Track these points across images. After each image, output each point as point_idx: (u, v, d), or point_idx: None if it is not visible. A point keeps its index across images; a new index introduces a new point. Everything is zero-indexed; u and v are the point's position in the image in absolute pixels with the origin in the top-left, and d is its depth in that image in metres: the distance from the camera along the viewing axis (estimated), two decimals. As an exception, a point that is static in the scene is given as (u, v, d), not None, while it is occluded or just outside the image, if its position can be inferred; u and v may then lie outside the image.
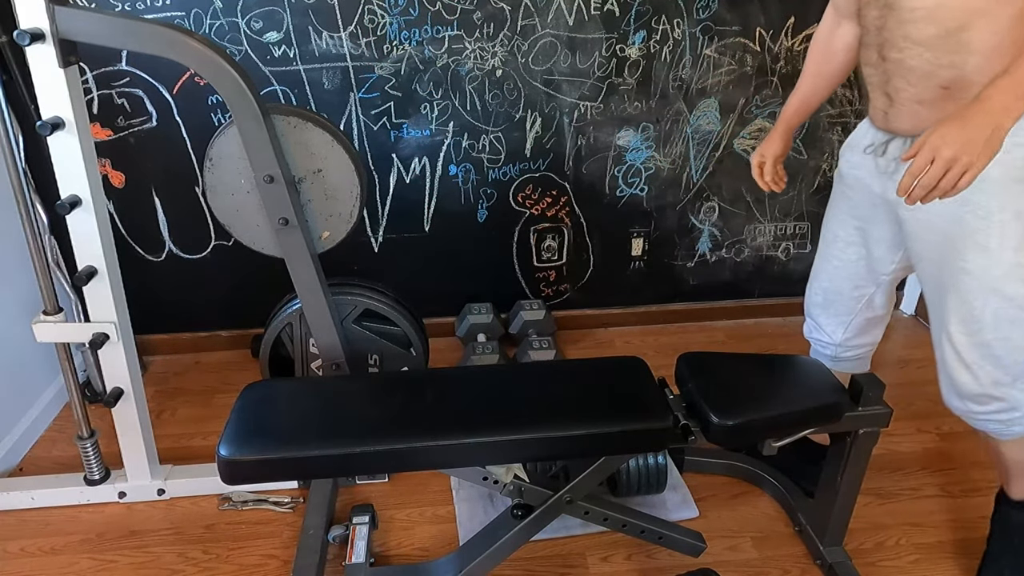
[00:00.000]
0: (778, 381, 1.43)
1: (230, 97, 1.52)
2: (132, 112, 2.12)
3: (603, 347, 2.54)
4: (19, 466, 1.97)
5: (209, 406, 2.22)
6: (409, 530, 1.75)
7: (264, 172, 1.60)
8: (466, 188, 2.34)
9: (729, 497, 1.84)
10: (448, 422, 1.33)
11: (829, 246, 1.57)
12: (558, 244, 2.48)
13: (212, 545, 1.71)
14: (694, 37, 2.19)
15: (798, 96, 1.59)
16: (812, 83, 1.57)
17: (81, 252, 1.57)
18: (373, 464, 1.41)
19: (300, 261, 1.71)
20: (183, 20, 2.00)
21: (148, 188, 2.23)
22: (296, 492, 1.85)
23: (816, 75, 1.56)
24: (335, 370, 1.84)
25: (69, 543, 1.72)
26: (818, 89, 1.57)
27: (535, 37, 2.13)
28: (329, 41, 2.08)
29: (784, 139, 1.61)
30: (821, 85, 1.57)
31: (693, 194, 2.45)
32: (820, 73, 1.55)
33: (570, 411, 1.37)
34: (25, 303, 1.98)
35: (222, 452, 1.26)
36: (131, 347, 1.71)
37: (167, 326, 2.45)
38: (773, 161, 1.61)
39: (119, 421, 1.74)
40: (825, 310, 1.62)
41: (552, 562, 1.65)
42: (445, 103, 2.20)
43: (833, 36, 1.50)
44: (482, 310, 2.43)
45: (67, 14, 1.38)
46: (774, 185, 1.62)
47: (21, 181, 1.53)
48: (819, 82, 1.56)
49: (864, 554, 1.66)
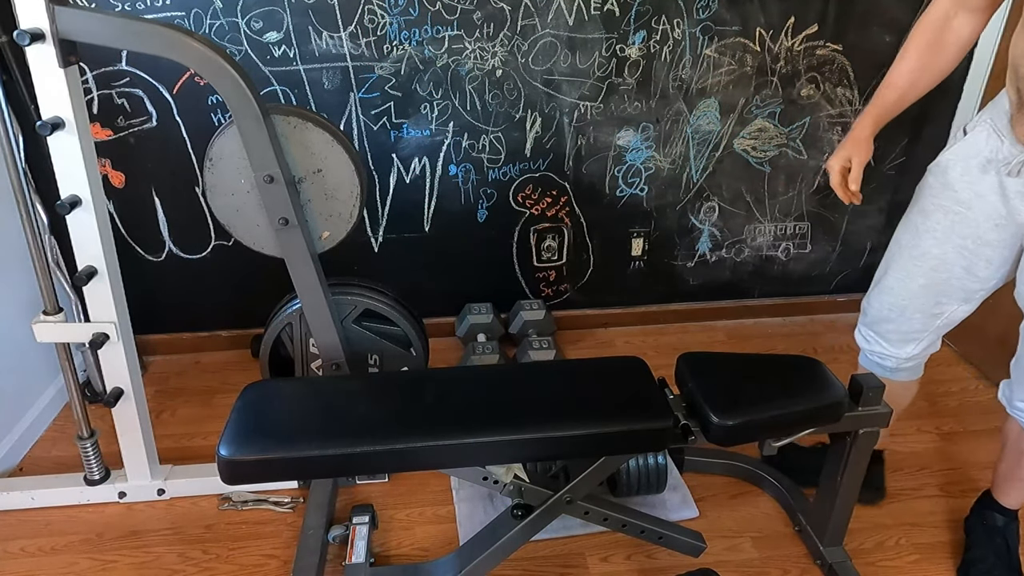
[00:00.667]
0: (778, 381, 1.43)
1: (230, 97, 1.52)
2: (132, 112, 2.12)
3: (603, 347, 2.54)
4: (19, 466, 1.97)
5: (209, 406, 2.22)
6: (409, 530, 1.75)
7: (264, 172, 1.60)
8: (466, 188, 2.34)
9: (729, 497, 1.84)
10: (448, 422, 1.33)
11: (916, 263, 1.43)
12: (558, 244, 2.48)
13: (212, 545, 1.71)
14: (694, 37, 2.19)
15: (895, 91, 1.39)
16: (913, 77, 1.37)
17: (81, 252, 1.57)
18: (373, 464, 1.41)
19: (300, 261, 1.71)
20: (183, 20, 2.00)
21: (148, 188, 2.23)
22: (296, 492, 1.85)
23: (920, 68, 1.37)
24: (335, 370, 1.84)
25: (69, 543, 1.72)
26: (919, 84, 1.39)
27: (535, 37, 2.13)
28: (329, 41, 2.08)
29: (871, 140, 1.42)
30: (924, 80, 1.38)
31: (693, 194, 2.45)
32: (925, 67, 1.36)
33: (570, 411, 1.37)
34: (25, 303, 1.98)
35: (222, 452, 1.26)
36: (131, 347, 1.71)
37: (167, 326, 2.45)
38: (862, 167, 1.39)
39: (119, 421, 1.74)
40: (897, 327, 1.50)
41: (552, 562, 1.65)
42: (445, 103, 2.20)
43: (947, 27, 1.32)
44: (482, 310, 2.43)
45: (67, 14, 1.38)
46: (856, 197, 1.41)
47: (21, 181, 1.53)
48: (923, 77, 1.38)
49: (864, 554, 1.66)
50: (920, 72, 1.37)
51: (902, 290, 1.46)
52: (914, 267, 1.44)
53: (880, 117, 1.40)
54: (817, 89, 2.31)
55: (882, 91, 1.40)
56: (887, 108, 1.40)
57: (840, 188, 1.41)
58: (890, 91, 1.39)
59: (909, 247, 1.44)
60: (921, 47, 1.35)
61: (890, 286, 1.49)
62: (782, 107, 2.33)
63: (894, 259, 1.48)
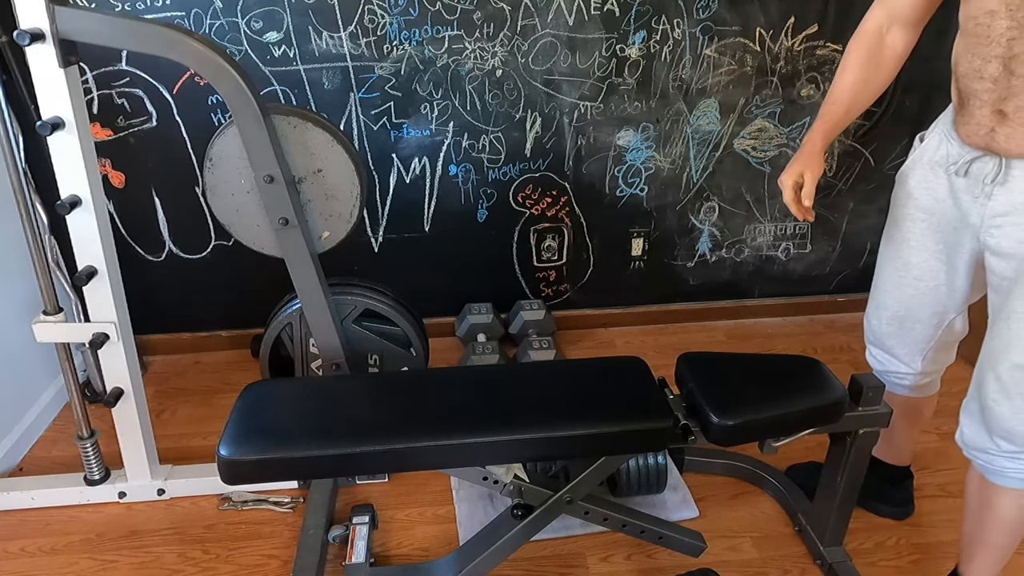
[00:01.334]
0: (778, 381, 1.43)
1: (230, 97, 1.52)
2: (132, 112, 2.12)
3: (603, 347, 2.54)
4: (19, 466, 1.97)
5: (209, 406, 2.22)
6: (409, 530, 1.75)
7: (264, 172, 1.60)
8: (466, 188, 2.34)
9: (729, 497, 1.84)
10: (448, 422, 1.33)
11: (900, 273, 1.43)
12: (558, 244, 2.48)
13: (212, 545, 1.71)
14: (694, 37, 2.19)
15: (840, 106, 1.38)
16: (855, 91, 1.37)
17: (81, 252, 1.57)
18: (373, 464, 1.41)
19: (300, 261, 1.71)
20: (183, 20, 2.00)
21: (148, 188, 2.23)
22: (296, 492, 1.85)
23: (862, 81, 1.36)
24: (335, 370, 1.84)
25: (69, 543, 1.72)
26: (862, 97, 1.39)
27: (535, 37, 2.13)
28: (329, 41, 2.08)
29: (823, 155, 1.39)
30: (866, 94, 1.38)
31: (693, 194, 2.45)
32: (866, 80, 1.37)
33: (570, 411, 1.37)
34: (25, 303, 1.98)
35: (222, 452, 1.26)
36: (131, 347, 1.71)
37: (167, 326, 2.45)
38: (814, 182, 1.35)
39: (119, 421, 1.74)
40: (901, 339, 1.49)
41: (552, 562, 1.65)
42: (445, 103, 2.20)
43: (882, 41, 1.35)
44: (482, 310, 2.43)
45: (67, 14, 1.38)
46: (809, 214, 1.37)
47: (21, 181, 1.53)
48: (865, 90, 1.38)
49: (864, 554, 1.66)
50: (862, 85, 1.37)
51: (894, 302, 1.46)
52: (899, 278, 1.43)
53: (829, 132, 1.39)
54: (817, 89, 2.31)
55: (828, 107, 1.39)
56: (835, 123, 1.39)
57: (793, 204, 1.37)
58: (836, 107, 1.38)
59: (891, 259, 1.45)
60: (861, 61, 1.36)
61: (883, 300, 1.49)
62: (782, 107, 2.33)
63: (881, 272, 1.49)
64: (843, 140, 2.41)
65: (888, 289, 1.47)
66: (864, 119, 2.37)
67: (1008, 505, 1.30)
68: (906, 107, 2.36)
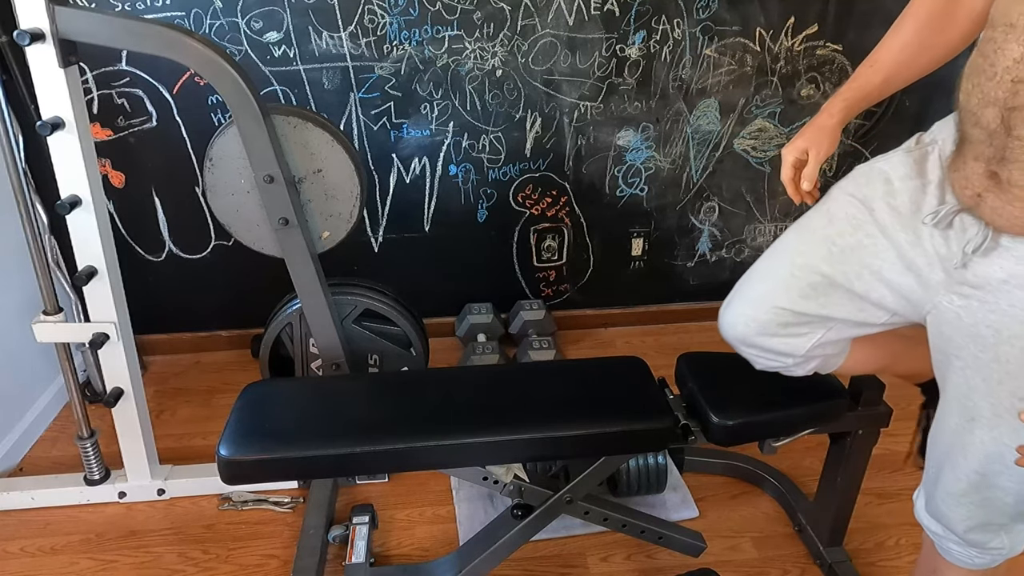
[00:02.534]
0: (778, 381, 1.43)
1: (230, 97, 1.52)
2: (132, 112, 2.12)
3: (603, 347, 2.54)
4: (19, 466, 1.97)
5: (209, 406, 2.22)
6: (409, 530, 1.75)
7: (264, 172, 1.60)
8: (466, 188, 2.34)
9: (729, 497, 1.84)
10: (448, 422, 1.33)
11: (796, 274, 1.15)
12: (558, 244, 2.48)
13: (212, 545, 1.71)
14: (694, 37, 2.19)
15: (880, 72, 1.09)
16: (906, 57, 1.07)
17: (81, 252, 1.57)
18: (373, 464, 1.41)
19: (300, 261, 1.71)
20: (183, 20, 2.00)
21: (148, 188, 2.23)
22: (296, 492, 1.85)
23: (917, 45, 1.06)
24: (335, 370, 1.84)
25: (69, 543, 1.71)
26: (913, 66, 1.09)
27: (535, 37, 2.13)
28: (329, 41, 2.08)
29: (839, 130, 1.14)
30: (919, 62, 1.08)
31: (693, 194, 2.45)
32: (924, 44, 1.06)
33: (570, 411, 1.37)
34: (25, 303, 1.98)
35: (222, 452, 1.26)
36: (131, 347, 1.71)
37: (167, 326, 2.45)
38: (819, 162, 1.13)
39: (119, 421, 1.74)
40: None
41: (552, 562, 1.65)
42: (445, 103, 2.20)
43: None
44: (482, 310, 2.43)
45: (67, 14, 1.38)
46: (810, 198, 1.17)
47: (21, 181, 1.52)
48: (919, 57, 1.08)
49: (864, 554, 1.66)
50: (917, 50, 1.07)
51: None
52: (793, 281, 1.16)
53: (855, 103, 1.13)
54: (817, 89, 2.31)
55: (863, 71, 1.11)
56: (866, 93, 1.12)
57: (791, 184, 1.16)
58: (874, 72, 1.10)
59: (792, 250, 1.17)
60: (921, 19, 1.06)
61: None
62: (782, 107, 2.33)
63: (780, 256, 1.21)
64: (843, 140, 2.40)
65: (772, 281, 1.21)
66: (864, 119, 2.37)
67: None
68: (906, 107, 2.36)
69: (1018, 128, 0.80)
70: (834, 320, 1.13)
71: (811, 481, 1.70)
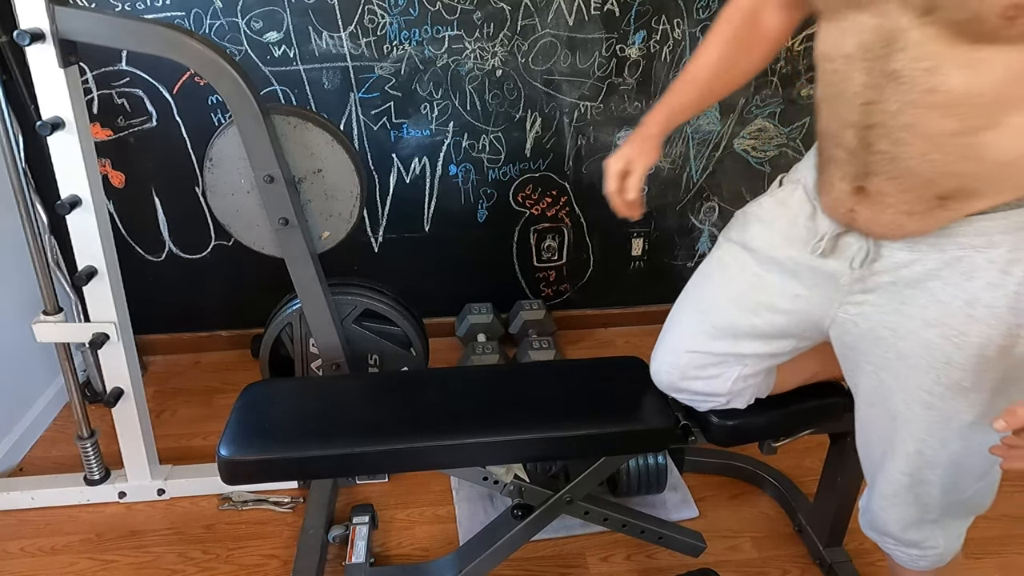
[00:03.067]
0: (784, 388, 1.43)
1: (230, 97, 1.52)
2: (132, 112, 2.12)
3: (603, 347, 2.54)
4: (19, 466, 1.97)
5: (209, 406, 2.22)
6: (409, 530, 1.75)
7: (264, 172, 1.60)
8: (466, 188, 2.34)
9: (729, 497, 1.84)
10: (448, 422, 1.33)
11: (703, 317, 1.22)
12: (558, 244, 2.48)
13: (212, 545, 1.71)
14: (694, 37, 2.19)
15: (695, 87, 1.16)
16: (717, 72, 1.14)
17: (81, 252, 1.57)
18: (373, 464, 1.41)
19: (300, 261, 1.71)
20: (183, 20, 2.00)
21: (148, 188, 2.23)
22: (296, 492, 1.85)
23: (728, 63, 1.14)
24: (335, 370, 1.84)
25: (69, 543, 1.71)
26: (725, 81, 1.16)
27: (535, 37, 2.13)
28: (329, 41, 2.08)
29: (660, 141, 1.19)
30: (729, 77, 1.16)
31: (693, 194, 2.45)
32: (732, 62, 1.14)
33: (570, 411, 1.37)
34: (25, 303, 1.98)
35: (222, 452, 1.26)
36: (131, 347, 1.71)
37: (167, 326, 2.45)
38: (643, 172, 1.18)
39: (119, 421, 1.74)
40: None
41: (552, 562, 1.65)
42: (445, 103, 2.20)
43: (756, 20, 1.12)
44: (482, 310, 2.43)
45: (67, 14, 1.38)
46: (634, 210, 1.22)
47: (21, 181, 1.53)
48: (728, 73, 1.15)
49: (864, 554, 1.66)
50: (727, 65, 1.14)
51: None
52: (701, 321, 1.23)
53: (673, 115, 1.18)
54: (817, 89, 2.31)
55: (679, 85, 1.17)
56: (684, 106, 1.18)
57: (615, 196, 1.20)
58: (690, 87, 1.16)
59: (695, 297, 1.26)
60: (727, 37, 1.13)
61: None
62: (782, 107, 2.33)
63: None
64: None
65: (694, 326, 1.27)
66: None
67: None
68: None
69: (876, 143, 0.86)
70: (746, 356, 1.19)
71: (811, 481, 1.70)
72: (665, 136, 1.20)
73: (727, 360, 1.20)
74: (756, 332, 1.15)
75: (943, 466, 1.02)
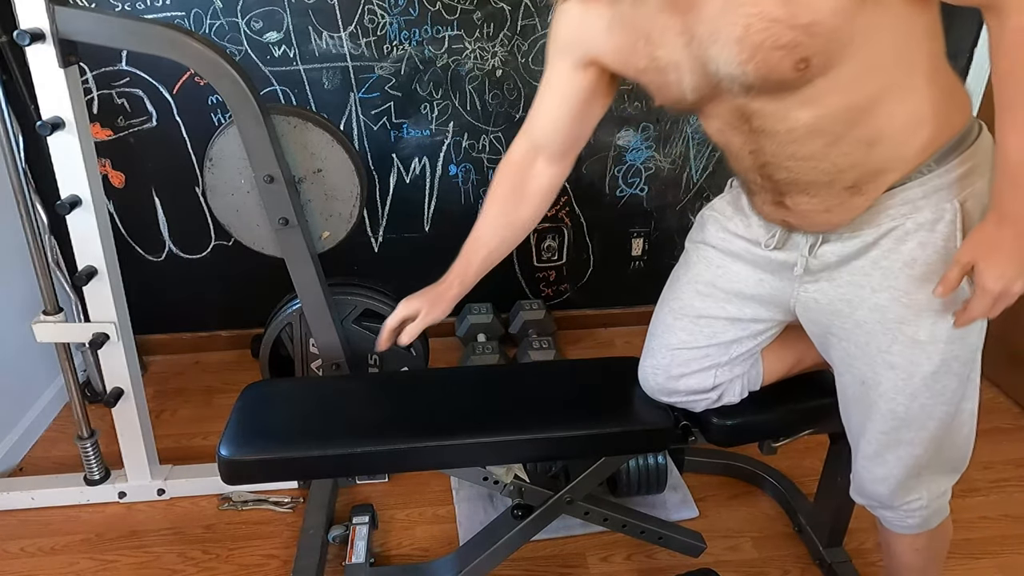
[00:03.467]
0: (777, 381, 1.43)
1: (230, 97, 1.52)
2: (132, 112, 2.12)
3: (603, 347, 2.54)
4: (19, 466, 1.97)
5: (209, 406, 2.22)
6: (409, 530, 1.75)
7: (264, 172, 1.60)
8: (466, 188, 2.34)
9: (729, 497, 1.84)
10: (448, 422, 1.33)
11: (675, 319, 1.28)
12: (558, 244, 2.48)
13: (212, 545, 1.71)
14: (694, 37, 2.19)
15: (483, 247, 1.26)
16: (497, 230, 1.25)
17: (81, 252, 1.57)
18: (373, 464, 1.41)
19: (300, 261, 1.71)
20: (183, 20, 2.00)
21: (148, 188, 2.23)
22: (296, 492, 1.85)
23: (505, 221, 1.24)
24: (335, 370, 1.84)
25: (69, 543, 1.71)
26: (505, 238, 1.26)
27: (535, 37, 2.13)
28: (329, 41, 2.08)
29: (454, 302, 1.29)
30: (508, 235, 1.26)
31: (693, 194, 2.45)
32: (511, 222, 1.24)
33: (570, 411, 1.37)
34: (25, 303, 1.98)
35: (222, 452, 1.26)
36: (131, 347, 1.71)
37: (167, 326, 2.45)
38: (425, 325, 1.28)
39: (119, 421, 1.74)
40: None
41: (552, 562, 1.65)
42: (445, 103, 2.20)
43: (528, 176, 1.22)
44: (482, 310, 2.43)
45: (67, 14, 1.38)
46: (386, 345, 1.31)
47: (21, 181, 1.53)
48: (507, 230, 1.25)
49: (864, 554, 1.66)
50: (504, 221, 1.24)
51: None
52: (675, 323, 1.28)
53: (467, 276, 1.27)
54: (817, 89, 2.31)
55: (468, 247, 1.27)
56: (474, 266, 1.26)
57: (386, 331, 1.29)
58: (477, 245, 1.26)
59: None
60: (500, 200, 1.24)
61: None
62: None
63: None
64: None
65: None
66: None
67: (904, 550, 1.28)
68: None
69: (775, 174, 1.01)
70: (726, 344, 1.24)
71: (811, 481, 1.70)
72: (462, 296, 1.28)
73: (708, 353, 1.25)
74: (730, 319, 1.22)
75: (918, 420, 1.09)
